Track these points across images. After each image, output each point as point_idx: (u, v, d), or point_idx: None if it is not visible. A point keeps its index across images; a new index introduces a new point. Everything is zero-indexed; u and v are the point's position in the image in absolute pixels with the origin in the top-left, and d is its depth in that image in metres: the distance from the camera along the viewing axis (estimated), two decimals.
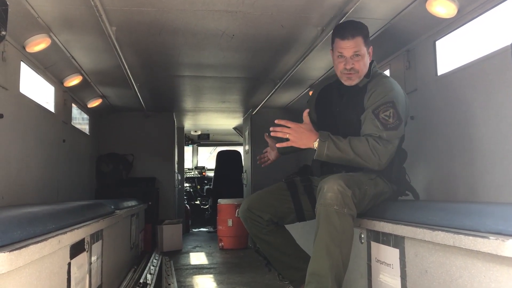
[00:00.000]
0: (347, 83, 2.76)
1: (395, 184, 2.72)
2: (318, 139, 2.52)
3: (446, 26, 3.18)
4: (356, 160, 2.50)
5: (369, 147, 2.49)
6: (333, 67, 2.85)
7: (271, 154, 3.35)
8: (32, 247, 1.58)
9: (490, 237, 1.49)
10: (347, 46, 2.66)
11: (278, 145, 2.72)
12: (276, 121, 2.59)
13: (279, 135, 2.58)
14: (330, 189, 2.32)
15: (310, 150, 2.68)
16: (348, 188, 2.32)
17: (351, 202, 2.33)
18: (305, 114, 2.70)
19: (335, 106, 2.87)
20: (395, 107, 2.58)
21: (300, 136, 2.55)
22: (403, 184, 2.77)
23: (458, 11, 2.93)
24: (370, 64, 2.79)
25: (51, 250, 1.81)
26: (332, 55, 2.81)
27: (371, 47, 2.78)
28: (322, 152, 2.50)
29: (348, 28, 2.71)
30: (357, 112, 2.72)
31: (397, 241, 2.19)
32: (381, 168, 2.55)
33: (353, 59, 2.67)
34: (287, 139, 2.59)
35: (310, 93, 4.50)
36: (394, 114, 2.56)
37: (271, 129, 2.59)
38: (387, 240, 2.29)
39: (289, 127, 2.55)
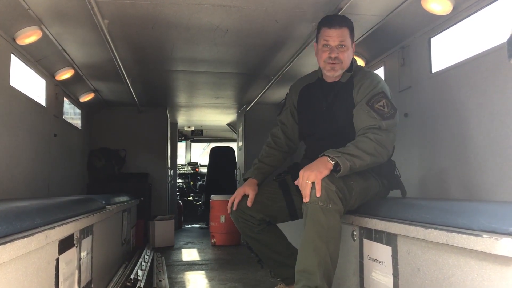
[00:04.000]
0: (329, 73, 2.74)
1: (385, 179, 2.70)
2: (329, 157, 2.34)
3: (441, 23, 3.16)
4: (372, 160, 2.42)
5: (374, 143, 2.43)
6: None
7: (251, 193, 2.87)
8: (18, 242, 1.54)
9: (484, 236, 1.48)
10: (334, 35, 2.64)
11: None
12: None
13: (308, 189, 2.30)
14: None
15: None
16: (331, 183, 2.30)
17: (336, 197, 2.30)
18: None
19: (320, 104, 2.85)
20: (387, 97, 2.59)
21: (312, 168, 2.32)
22: (393, 179, 2.76)
23: (454, 8, 2.92)
24: (351, 60, 2.79)
25: (38, 245, 1.77)
26: (316, 47, 2.79)
27: (354, 43, 2.78)
28: (347, 166, 2.32)
29: (336, 18, 2.73)
30: (346, 108, 2.70)
31: (389, 239, 2.17)
32: (387, 159, 2.56)
33: (338, 49, 2.66)
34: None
35: None
36: (388, 104, 2.56)
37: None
38: (380, 237, 2.27)
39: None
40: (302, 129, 2.98)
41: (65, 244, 2.25)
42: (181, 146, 11.19)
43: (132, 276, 4.05)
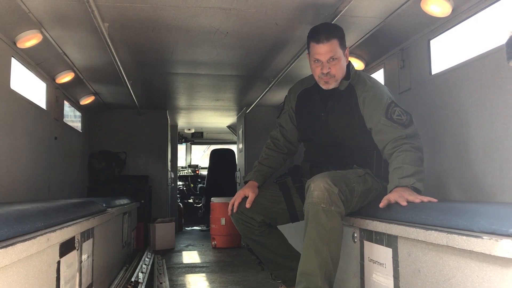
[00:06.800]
0: (324, 87, 2.76)
1: (385, 181, 2.71)
2: (412, 183, 2.34)
3: (441, 25, 3.17)
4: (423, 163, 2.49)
5: (414, 151, 2.47)
6: None
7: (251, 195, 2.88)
8: (19, 245, 1.54)
9: (484, 237, 1.48)
10: (323, 52, 2.63)
11: None
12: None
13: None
14: (317, 187, 2.30)
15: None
16: (334, 186, 2.31)
17: (339, 200, 2.31)
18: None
19: (318, 110, 2.85)
20: (397, 105, 2.63)
21: (403, 194, 2.28)
22: None
23: (453, 10, 2.92)
24: (348, 66, 2.78)
25: (39, 248, 1.78)
26: (308, 59, 2.79)
27: (347, 49, 2.77)
28: (421, 185, 2.37)
29: (323, 31, 2.67)
30: (346, 116, 2.72)
31: (390, 241, 2.18)
32: None
33: (330, 63, 2.65)
34: None
35: None
36: (402, 112, 2.60)
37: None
38: (380, 239, 2.27)
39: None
40: (301, 133, 3.00)
41: (66, 247, 2.25)
42: (181, 148, 11.19)
43: (133, 279, 4.06)
